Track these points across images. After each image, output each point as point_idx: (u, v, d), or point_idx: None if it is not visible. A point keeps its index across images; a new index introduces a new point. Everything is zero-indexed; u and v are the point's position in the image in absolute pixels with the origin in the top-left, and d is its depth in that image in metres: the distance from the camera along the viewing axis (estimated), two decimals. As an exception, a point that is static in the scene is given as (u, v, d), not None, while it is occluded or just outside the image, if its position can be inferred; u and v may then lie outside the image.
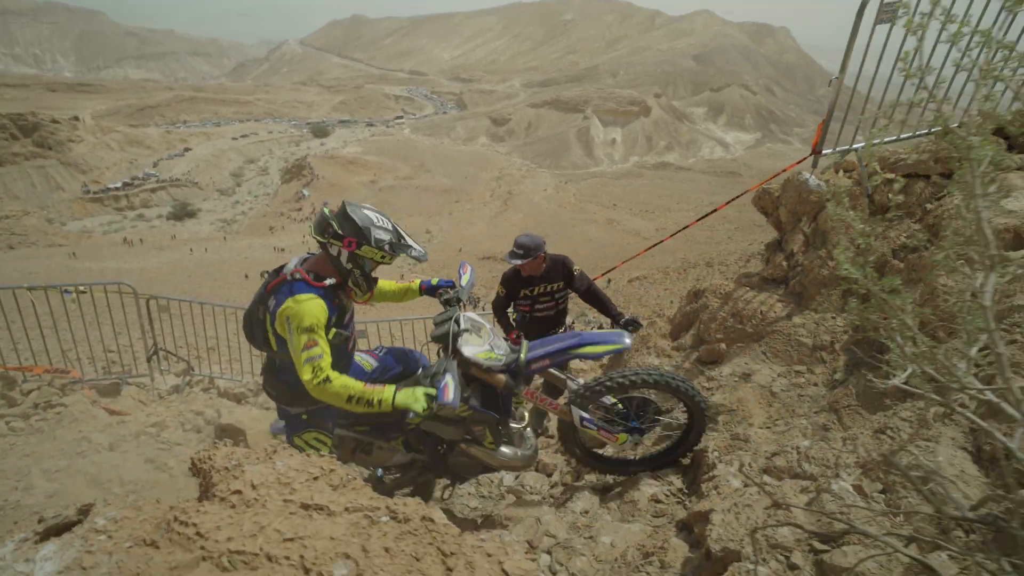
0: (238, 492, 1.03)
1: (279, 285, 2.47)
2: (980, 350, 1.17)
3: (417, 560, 0.94)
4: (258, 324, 2.61)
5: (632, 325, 3.92)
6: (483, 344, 2.75)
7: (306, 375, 2.30)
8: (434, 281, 3.03)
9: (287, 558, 0.88)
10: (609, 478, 3.31)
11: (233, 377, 7.17)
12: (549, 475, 4.08)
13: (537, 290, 4.11)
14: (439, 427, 2.93)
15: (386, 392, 2.35)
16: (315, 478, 1.10)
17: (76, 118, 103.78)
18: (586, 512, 2.93)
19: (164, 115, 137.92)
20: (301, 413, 2.72)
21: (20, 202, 78.42)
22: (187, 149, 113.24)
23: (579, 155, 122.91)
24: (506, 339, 3.05)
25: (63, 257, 48.62)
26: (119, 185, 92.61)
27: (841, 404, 3.07)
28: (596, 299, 4.22)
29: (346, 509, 1.02)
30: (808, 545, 1.70)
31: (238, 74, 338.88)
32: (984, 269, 1.13)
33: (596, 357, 2.93)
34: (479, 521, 3.36)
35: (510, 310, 4.33)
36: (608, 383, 2.82)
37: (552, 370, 2.93)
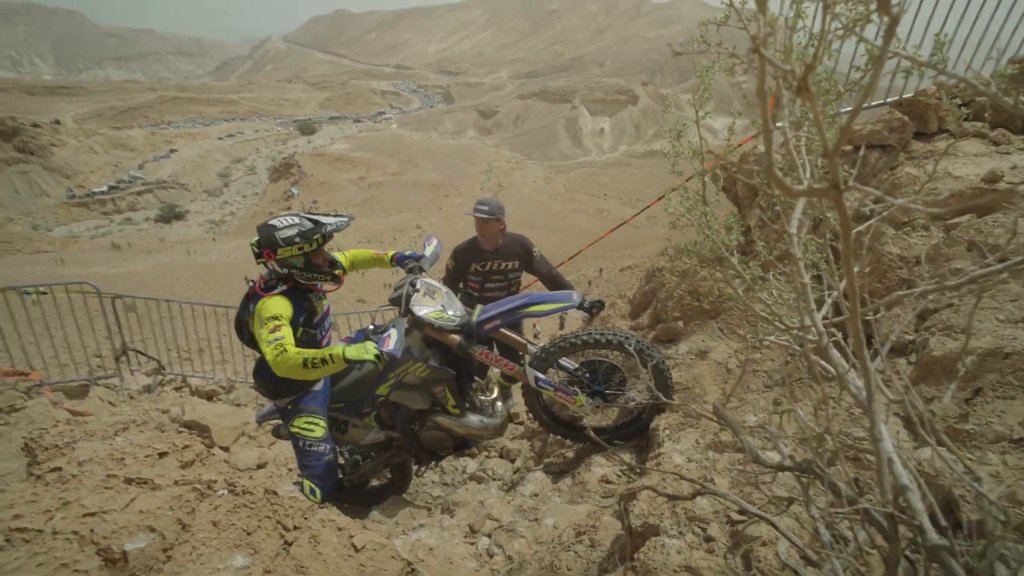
0: (57, 469, 0.98)
1: (254, 294, 2.75)
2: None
3: (249, 534, 0.88)
4: (245, 326, 2.86)
5: (596, 307, 3.88)
6: (435, 305, 2.90)
7: (269, 355, 2.43)
8: (406, 252, 3.23)
9: (75, 533, 0.83)
10: (567, 457, 3.27)
11: (206, 375, 7.09)
12: (512, 460, 4.05)
13: (489, 265, 3.99)
14: (405, 396, 3.05)
15: (337, 349, 2.45)
16: (162, 454, 1.05)
17: (57, 121, 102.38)
18: (535, 495, 2.90)
19: (148, 116, 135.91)
20: (287, 404, 2.93)
21: (4, 209, 77.43)
22: (173, 151, 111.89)
23: (568, 146, 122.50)
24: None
25: (50, 263, 48.09)
26: (105, 189, 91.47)
27: (794, 377, 3.04)
28: (558, 284, 4.17)
29: (176, 482, 0.97)
30: (726, 516, 1.67)
31: (222, 73, 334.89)
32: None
33: (544, 315, 3.07)
34: (430, 510, 3.32)
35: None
36: (562, 344, 2.91)
37: (509, 332, 3.04)
